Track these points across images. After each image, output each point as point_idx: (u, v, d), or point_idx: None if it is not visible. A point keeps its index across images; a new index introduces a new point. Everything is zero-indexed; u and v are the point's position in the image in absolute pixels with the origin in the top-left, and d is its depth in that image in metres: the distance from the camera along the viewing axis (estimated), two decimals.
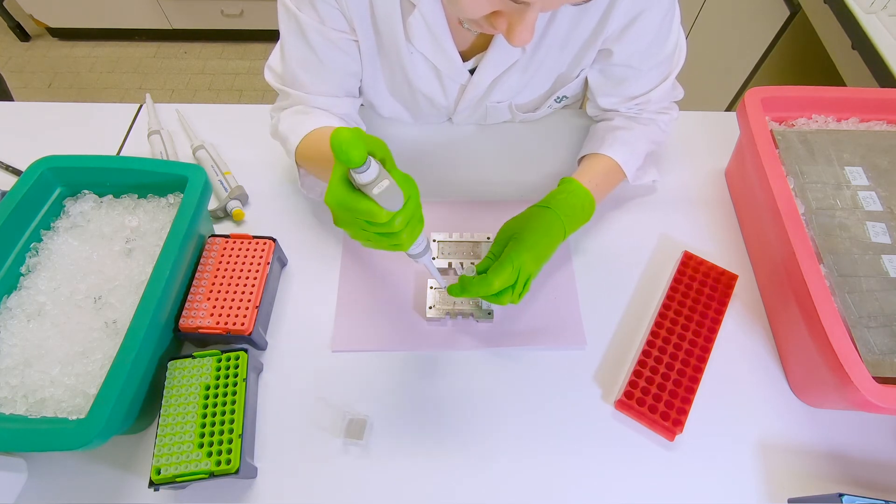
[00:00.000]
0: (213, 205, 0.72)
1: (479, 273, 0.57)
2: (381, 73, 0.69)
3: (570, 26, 0.61)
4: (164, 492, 0.53)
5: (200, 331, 0.57)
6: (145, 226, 0.63)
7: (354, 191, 0.39)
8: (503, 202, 0.75)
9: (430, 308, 0.63)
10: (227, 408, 0.53)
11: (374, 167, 0.37)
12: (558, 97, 0.74)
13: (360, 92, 0.73)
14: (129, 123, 0.84)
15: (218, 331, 0.57)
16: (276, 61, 0.67)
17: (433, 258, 0.67)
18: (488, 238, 0.69)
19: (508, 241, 0.59)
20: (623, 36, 0.62)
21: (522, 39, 0.47)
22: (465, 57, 0.65)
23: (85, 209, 0.64)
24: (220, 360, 0.55)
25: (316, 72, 0.64)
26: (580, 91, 0.76)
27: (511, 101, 0.74)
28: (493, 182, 0.77)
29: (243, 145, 0.80)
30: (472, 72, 0.67)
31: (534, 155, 0.80)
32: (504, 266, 0.55)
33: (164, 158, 0.76)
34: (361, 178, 0.38)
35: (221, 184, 0.74)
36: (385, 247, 0.45)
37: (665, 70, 0.68)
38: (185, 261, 0.58)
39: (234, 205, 0.72)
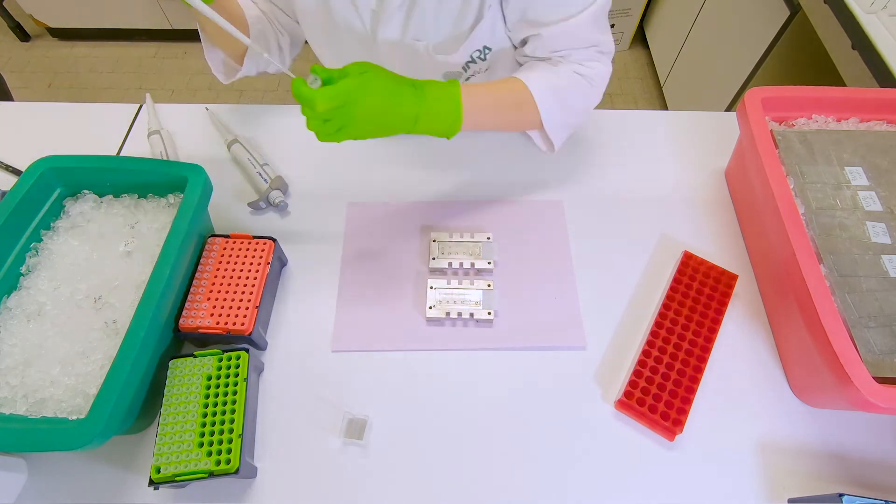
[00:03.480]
0: (252, 197, 0.73)
1: (317, 80, 0.53)
2: None
3: None
4: (163, 491, 0.54)
5: (200, 331, 0.57)
6: (145, 226, 0.63)
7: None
8: (503, 202, 0.75)
9: (431, 308, 0.63)
10: (228, 407, 0.53)
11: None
12: (480, 50, 0.70)
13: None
14: (129, 123, 0.84)
15: (218, 331, 0.57)
16: None
17: None
18: (488, 238, 0.69)
19: (361, 75, 0.52)
20: None
21: None
22: None
23: (85, 209, 0.64)
24: (221, 360, 0.56)
25: None
26: (505, 47, 0.72)
27: (428, 41, 0.69)
28: (493, 182, 0.77)
29: None
30: None
31: (534, 154, 0.80)
32: (332, 100, 0.50)
33: (164, 158, 0.76)
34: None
35: (260, 175, 0.73)
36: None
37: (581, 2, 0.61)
38: (185, 261, 0.58)
39: (276, 195, 0.72)
